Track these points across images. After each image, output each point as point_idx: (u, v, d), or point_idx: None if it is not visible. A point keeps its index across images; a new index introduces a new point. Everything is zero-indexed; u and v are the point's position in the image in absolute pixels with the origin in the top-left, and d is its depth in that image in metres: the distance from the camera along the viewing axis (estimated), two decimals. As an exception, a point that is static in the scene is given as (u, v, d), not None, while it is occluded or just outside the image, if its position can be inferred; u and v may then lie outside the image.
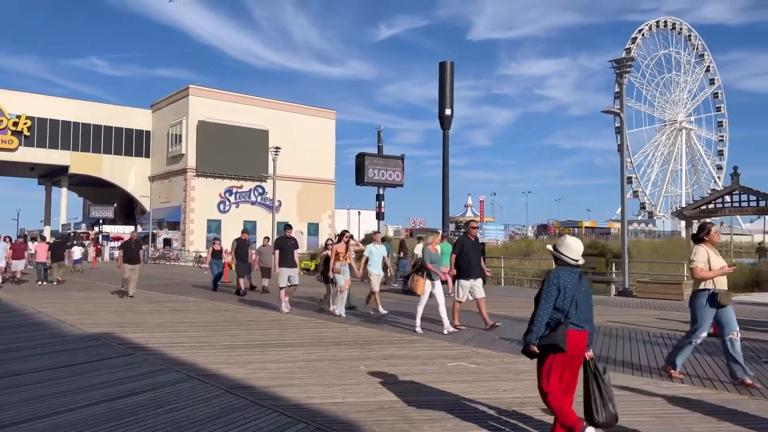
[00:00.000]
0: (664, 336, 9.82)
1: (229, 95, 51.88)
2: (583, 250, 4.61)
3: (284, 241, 13.35)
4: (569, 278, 4.43)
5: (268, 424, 5.04)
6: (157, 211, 51.53)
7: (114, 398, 5.72)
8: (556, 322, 4.33)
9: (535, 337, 4.32)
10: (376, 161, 24.72)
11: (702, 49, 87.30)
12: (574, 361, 4.42)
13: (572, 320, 4.35)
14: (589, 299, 4.50)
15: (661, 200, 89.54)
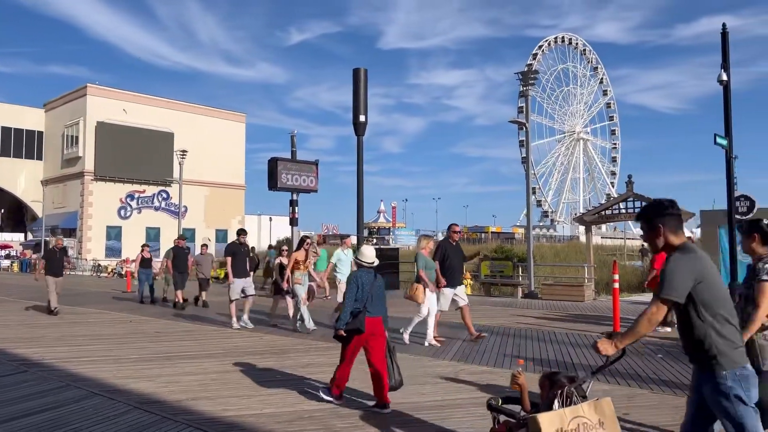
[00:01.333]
0: (570, 335, 10.31)
1: (130, 95, 49.42)
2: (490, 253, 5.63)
3: (237, 248, 11.96)
4: (366, 277, 5.78)
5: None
6: (51, 217, 48.16)
7: (7, 420, 5.24)
8: (358, 311, 5.60)
9: (343, 324, 5.61)
10: (289, 166, 24.32)
11: (596, 63, 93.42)
12: (370, 339, 5.67)
13: (368, 309, 5.62)
14: (382, 293, 5.84)
15: (561, 207, 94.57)
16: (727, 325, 3.02)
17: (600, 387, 6.49)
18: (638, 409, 5.56)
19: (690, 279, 2.99)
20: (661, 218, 3.23)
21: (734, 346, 3.01)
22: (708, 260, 3.11)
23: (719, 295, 3.04)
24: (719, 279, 3.11)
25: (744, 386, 2.98)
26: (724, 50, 15.44)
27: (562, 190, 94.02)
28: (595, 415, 3.21)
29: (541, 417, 3.11)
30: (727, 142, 15.29)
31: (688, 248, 3.13)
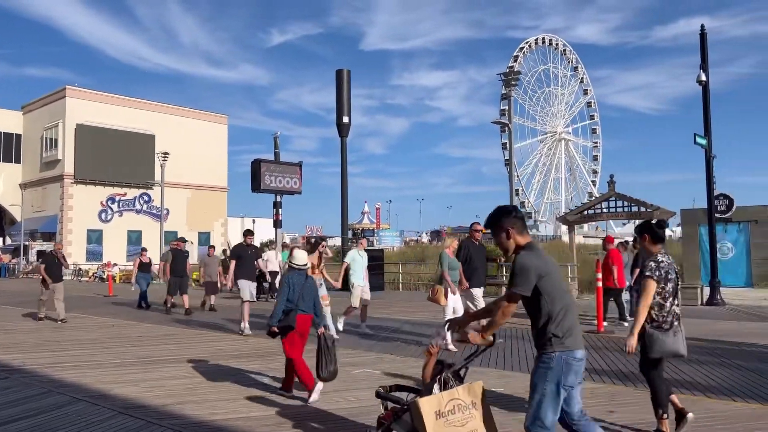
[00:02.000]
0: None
1: (110, 97, 48.84)
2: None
3: (244, 249, 11.41)
4: (297, 278, 6.26)
5: (168, 445, 4.75)
6: (30, 221, 47.44)
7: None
8: (289, 309, 6.06)
9: (275, 321, 6.06)
10: (272, 168, 24.21)
11: (576, 63, 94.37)
12: (303, 335, 6.19)
13: (300, 307, 6.10)
14: (312, 292, 6.32)
15: (544, 207, 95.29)
16: (564, 314, 3.39)
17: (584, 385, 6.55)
18: (622, 407, 5.61)
19: (535, 274, 3.37)
20: (509, 222, 3.59)
21: (569, 333, 3.38)
22: (549, 258, 3.54)
23: (559, 287, 3.45)
24: (559, 274, 3.52)
25: (564, 370, 3.35)
26: (703, 51, 15.68)
27: (544, 190, 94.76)
28: (468, 397, 3.59)
29: (422, 401, 3.45)
30: (707, 142, 15.52)
31: (532, 247, 3.54)
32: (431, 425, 3.37)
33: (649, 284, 4.59)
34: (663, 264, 4.65)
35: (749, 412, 5.42)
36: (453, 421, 3.45)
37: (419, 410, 3.39)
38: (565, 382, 3.36)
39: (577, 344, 3.41)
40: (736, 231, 20.49)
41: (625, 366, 7.53)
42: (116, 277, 34.70)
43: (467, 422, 3.48)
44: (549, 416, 3.37)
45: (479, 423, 3.54)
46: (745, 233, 20.35)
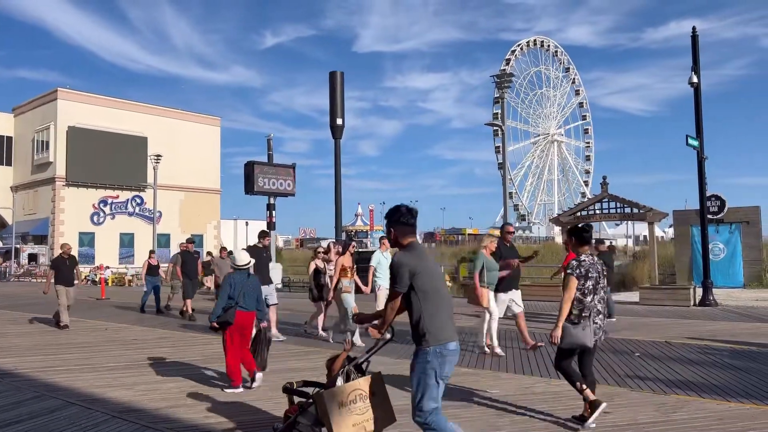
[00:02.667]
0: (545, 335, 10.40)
1: (103, 99, 48.62)
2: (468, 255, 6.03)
3: (259, 252, 10.57)
4: (239, 277, 6.73)
5: (163, 448, 4.73)
6: (21, 223, 47.14)
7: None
8: (229, 306, 6.51)
9: (214, 317, 6.55)
10: (266, 170, 24.19)
11: (568, 64, 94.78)
12: (243, 330, 6.63)
13: (241, 304, 6.55)
14: (254, 290, 6.79)
15: (537, 208, 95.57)
16: (436, 309, 3.70)
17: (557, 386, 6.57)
18: (618, 409, 5.62)
19: (408, 273, 3.68)
20: (393, 223, 3.92)
21: (441, 328, 3.68)
22: (425, 256, 3.85)
23: (432, 285, 3.73)
24: (434, 272, 3.82)
25: (440, 362, 3.64)
26: (695, 53, 15.78)
27: (537, 191, 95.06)
28: (369, 387, 3.95)
29: (325, 393, 3.79)
30: (699, 143, 15.60)
31: (410, 247, 3.84)
32: (334, 415, 3.68)
33: (570, 281, 5.11)
34: (584, 263, 5.14)
35: (743, 412, 5.44)
36: (354, 410, 3.80)
37: (323, 402, 3.72)
38: (441, 373, 3.66)
39: (449, 337, 3.70)
40: (728, 232, 20.60)
41: (620, 367, 7.56)
42: (108, 280, 34.54)
43: (367, 410, 3.86)
44: (430, 405, 3.65)
45: (379, 410, 3.92)
46: (737, 234, 20.47)
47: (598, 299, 5.15)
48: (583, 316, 5.10)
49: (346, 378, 4.01)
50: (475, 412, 5.60)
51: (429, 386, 3.64)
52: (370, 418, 3.86)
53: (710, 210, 18.96)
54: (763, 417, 5.28)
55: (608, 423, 5.15)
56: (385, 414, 3.95)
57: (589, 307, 5.11)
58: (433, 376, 3.64)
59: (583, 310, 5.11)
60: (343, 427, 3.72)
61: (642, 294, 15.96)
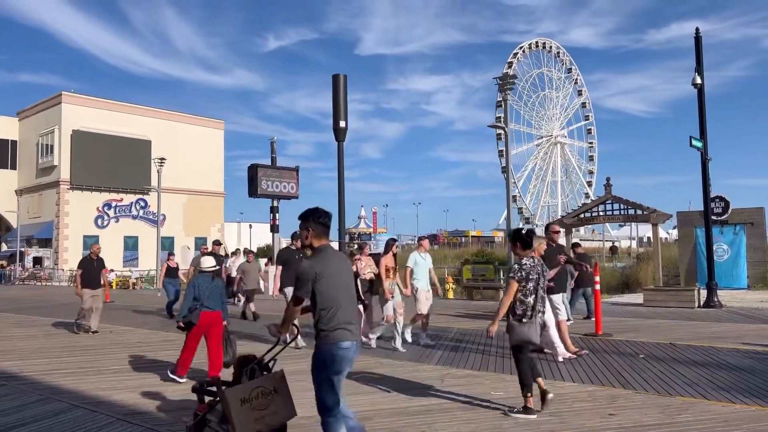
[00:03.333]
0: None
1: (106, 103, 48.81)
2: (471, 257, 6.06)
3: (291, 254, 10.23)
4: (204, 280, 7.21)
5: (167, 451, 4.73)
6: (26, 227, 47.30)
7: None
8: (194, 307, 7.01)
9: (181, 317, 7.10)
10: (269, 173, 24.22)
11: (570, 64, 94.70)
12: (210, 329, 7.10)
13: (206, 305, 7.03)
14: (218, 291, 7.23)
15: (540, 210, 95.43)
16: (335, 311, 3.93)
17: (583, 389, 6.56)
18: (622, 411, 5.61)
19: (310, 278, 3.91)
20: (310, 224, 4.10)
21: (336, 328, 3.91)
22: (332, 259, 4.04)
23: (334, 288, 3.94)
24: (340, 274, 4.02)
25: (332, 360, 3.90)
26: (698, 54, 15.75)
27: (540, 193, 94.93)
28: (271, 384, 4.26)
29: (228, 390, 4.06)
30: (702, 144, 15.57)
31: (318, 251, 4.08)
32: (236, 410, 3.98)
33: (511, 284, 5.50)
34: (525, 266, 5.51)
35: (749, 414, 5.42)
36: (257, 406, 4.11)
37: (226, 399, 4.01)
38: (334, 369, 3.91)
39: (343, 337, 3.92)
40: (732, 233, 20.55)
41: (625, 369, 7.54)
42: (113, 283, 34.62)
43: (269, 405, 4.18)
44: (329, 400, 3.92)
45: (281, 405, 4.25)
46: (741, 235, 20.42)
47: (538, 299, 5.56)
48: (527, 315, 5.51)
49: (250, 376, 4.30)
50: (479, 414, 5.59)
51: (326, 382, 3.93)
52: (272, 412, 4.19)
53: (714, 211, 18.92)
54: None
55: (613, 425, 5.14)
56: (286, 409, 4.28)
57: (531, 306, 5.52)
58: (326, 373, 3.92)
59: (526, 309, 5.51)
60: (244, 422, 4.01)
61: (646, 295, 15.92)
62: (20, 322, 14.58)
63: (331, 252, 4.12)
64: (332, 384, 3.93)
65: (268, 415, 4.15)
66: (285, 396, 4.30)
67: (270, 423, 4.17)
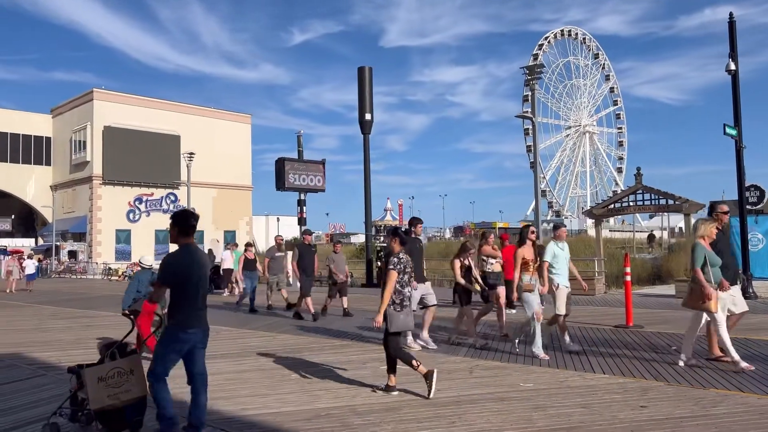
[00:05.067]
0: (581, 329, 10.29)
1: (136, 99, 49.66)
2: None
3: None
4: (144, 275, 8.53)
5: (202, 439, 4.83)
6: (61, 221, 48.49)
7: (27, 423, 5.29)
8: (138, 297, 8.12)
9: (125, 306, 8.16)
10: (296, 166, 24.45)
11: (597, 49, 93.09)
12: (150, 315, 7.70)
13: (145, 295, 7.81)
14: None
15: (568, 201, 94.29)
16: (183, 301, 4.68)
17: (614, 380, 6.50)
18: (655, 403, 5.54)
19: (171, 270, 4.75)
20: (180, 223, 4.88)
21: (182, 314, 4.68)
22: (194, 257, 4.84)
23: (187, 281, 4.70)
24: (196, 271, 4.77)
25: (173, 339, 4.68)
26: (732, 39, 15.35)
27: (569, 184, 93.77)
28: (129, 365, 4.94)
29: (87, 370, 4.83)
30: (737, 132, 15.20)
31: (184, 247, 4.83)
32: (93, 387, 4.73)
33: (391, 275, 5.98)
34: (402, 260, 6.09)
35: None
36: (112, 384, 4.80)
37: (85, 377, 4.78)
38: (174, 348, 4.70)
39: (187, 323, 4.68)
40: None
41: (657, 361, 7.44)
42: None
43: (124, 384, 4.86)
44: (159, 368, 4.68)
45: (135, 383, 4.90)
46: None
47: (409, 290, 6.21)
48: (404, 305, 6.04)
49: (111, 358, 4.98)
50: (509, 405, 5.58)
51: (161, 356, 4.71)
52: (125, 390, 4.85)
53: (749, 200, 18.43)
54: (806, 412, 5.14)
55: (645, 417, 5.08)
56: (140, 387, 4.93)
57: (407, 296, 6.09)
58: (165, 348, 4.71)
59: (403, 299, 6.03)
60: (99, 396, 4.75)
61: (678, 287, 15.64)
62: (57, 314, 14.98)
63: (194, 249, 4.94)
64: (168, 358, 4.73)
65: (121, 392, 4.84)
66: (140, 376, 4.95)
67: (122, 399, 4.84)
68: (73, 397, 5.01)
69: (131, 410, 4.89)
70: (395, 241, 6.19)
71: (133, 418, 4.92)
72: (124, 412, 4.85)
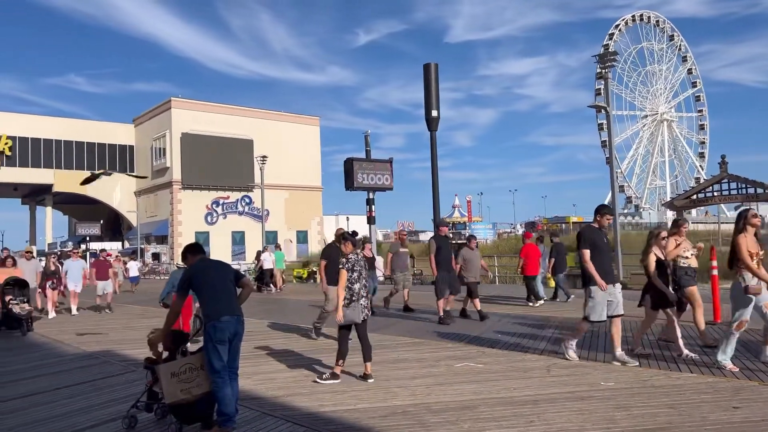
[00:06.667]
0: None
1: (211, 106, 51.58)
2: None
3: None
4: (178, 273, 8.33)
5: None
6: (144, 225, 51.07)
7: (118, 417, 5.58)
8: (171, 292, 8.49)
9: (161, 299, 9.22)
10: (364, 166, 24.65)
11: (671, 31, 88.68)
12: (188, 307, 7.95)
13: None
14: None
15: (646, 193, 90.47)
16: (209, 299, 5.16)
17: (703, 380, 6.19)
18: (749, 404, 5.23)
19: (185, 279, 5.25)
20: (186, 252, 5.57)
21: (214, 311, 5.10)
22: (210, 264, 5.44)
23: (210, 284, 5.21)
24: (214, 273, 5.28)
25: (213, 332, 5.05)
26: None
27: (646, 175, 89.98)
28: (199, 361, 5.18)
29: (160, 366, 5.13)
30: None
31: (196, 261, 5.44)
32: (166, 382, 5.02)
33: (342, 273, 6.66)
34: (351, 259, 6.74)
35: None
36: (184, 379, 5.08)
37: (159, 373, 5.09)
38: (216, 339, 5.04)
39: (218, 314, 5.08)
40: None
41: (749, 359, 7.02)
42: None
43: (195, 378, 5.12)
44: (216, 364, 5.03)
45: (206, 378, 5.12)
46: None
47: (361, 286, 6.71)
48: (352, 300, 6.63)
49: (182, 354, 5.29)
50: (590, 405, 5.42)
51: (211, 351, 5.05)
52: (196, 384, 5.10)
53: None
54: None
55: (738, 419, 4.81)
56: (209, 381, 5.11)
57: (356, 292, 6.65)
58: (211, 344, 5.05)
59: (353, 295, 6.64)
60: (172, 391, 5.01)
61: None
62: (144, 313, 15.76)
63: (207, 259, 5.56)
64: (217, 352, 5.05)
65: (193, 386, 5.08)
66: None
67: (194, 393, 5.08)
68: (149, 391, 5.32)
69: (202, 404, 5.13)
70: (346, 245, 6.88)
71: (204, 412, 5.18)
72: (196, 406, 5.11)
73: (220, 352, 5.05)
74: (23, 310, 12.12)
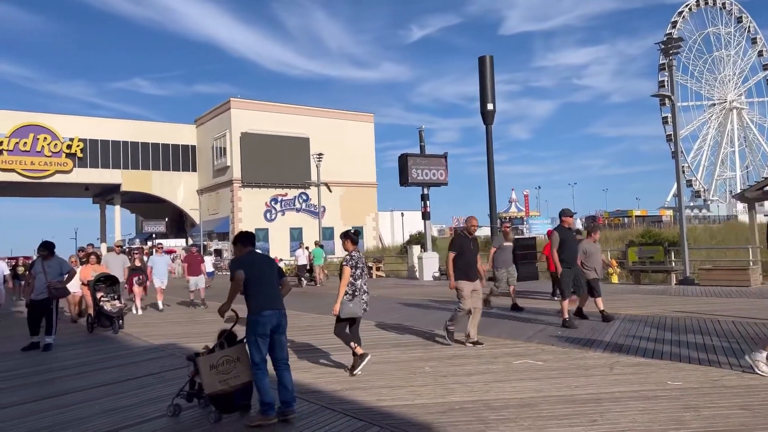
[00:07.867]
0: (738, 323, 9.40)
1: (268, 105, 52.61)
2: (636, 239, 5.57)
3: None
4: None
5: (341, 428, 5.03)
6: (206, 222, 52.65)
7: (184, 408, 5.78)
8: None
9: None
10: (419, 161, 24.59)
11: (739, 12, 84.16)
12: None
13: None
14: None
15: (714, 184, 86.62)
16: (256, 292, 5.43)
17: (750, 378, 5.87)
18: (831, 405, 4.93)
19: (235, 267, 5.49)
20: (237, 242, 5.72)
21: (257, 303, 5.38)
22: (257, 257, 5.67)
23: (256, 276, 5.46)
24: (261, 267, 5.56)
25: (255, 326, 5.35)
26: None
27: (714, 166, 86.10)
28: (236, 354, 5.43)
29: (200, 359, 5.38)
30: None
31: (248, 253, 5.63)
32: (206, 374, 5.27)
33: (345, 270, 6.97)
34: (354, 257, 7.05)
35: None
36: (222, 371, 5.31)
37: (198, 365, 5.34)
38: (257, 333, 5.33)
39: (260, 307, 5.37)
40: None
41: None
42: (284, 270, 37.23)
43: (232, 370, 5.34)
44: (256, 356, 5.34)
45: (242, 369, 5.37)
46: None
47: (363, 282, 7.05)
48: (355, 295, 6.94)
49: (221, 347, 5.48)
50: (656, 404, 5.24)
51: (253, 343, 5.35)
52: (234, 376, 5.33)
53: None
54: None
55: (819, 422, 4.53)
56: (247, 373, 5.38)
57: (359, 288, 6.97)
58: (253, 336, 5.35)
59: (355, 290, 6.97)
60: (211, 382, 5.25)
61: None
62: (211, 308, 16.24)
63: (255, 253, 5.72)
64: (259, 344, 5.34)
65: (230, 378, 5.32)
66: (245, 363, 5.41)
67: (232, 384, 5.32)
68: (191, 381, 5.61)
69: (240, 394, 5.39)
70: (347, 242, 7.18)
71: (242, 402, 5.44)
72: (234, 396, 5.36)
73: (260, 345, 5.32)
74: (114, 307, 12.09)
